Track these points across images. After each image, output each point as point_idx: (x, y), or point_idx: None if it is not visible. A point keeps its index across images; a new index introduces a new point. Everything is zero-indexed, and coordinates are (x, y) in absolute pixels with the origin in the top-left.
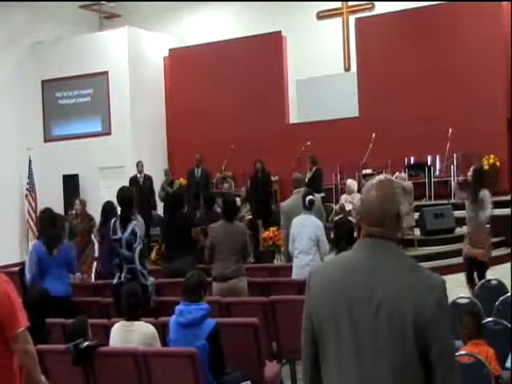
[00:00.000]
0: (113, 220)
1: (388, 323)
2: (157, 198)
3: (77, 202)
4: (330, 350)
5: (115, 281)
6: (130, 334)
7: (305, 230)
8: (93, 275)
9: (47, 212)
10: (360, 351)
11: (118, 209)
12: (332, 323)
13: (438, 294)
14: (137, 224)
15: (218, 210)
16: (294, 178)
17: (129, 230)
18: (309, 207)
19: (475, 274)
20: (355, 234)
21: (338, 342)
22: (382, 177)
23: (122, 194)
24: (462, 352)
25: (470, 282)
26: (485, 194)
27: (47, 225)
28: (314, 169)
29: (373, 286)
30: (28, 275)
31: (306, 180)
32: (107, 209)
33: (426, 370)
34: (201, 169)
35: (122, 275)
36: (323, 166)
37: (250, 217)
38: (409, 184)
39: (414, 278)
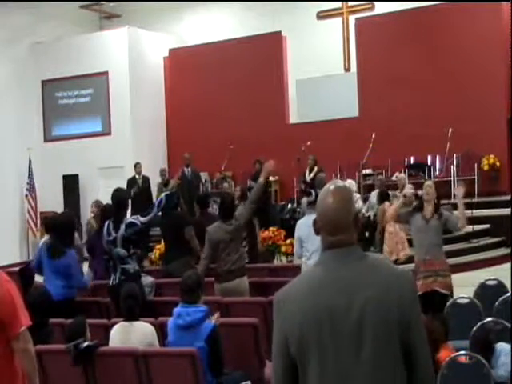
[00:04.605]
0: (107, 222)
1: (372, 326)
2: (155, 199)
3: (93, 205)
4: (313, 368)
5: (110, 282)
6: (128, 335)
7: (312, 230)
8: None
9: (65, 218)
10: (343, 360)
11: None
12: (314, 341)
13: (412, 288)
14: (126, 220)
15: (214, 210)
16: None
17: (122, 226)
18: (314, 201)
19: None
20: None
21: (322, 357)
22: (337, 183)
23: (117, 195)
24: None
25: None
26: (444, 210)
27: (59, 232)
28: (315, 169)
29: (350, 293)
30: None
31: (309, 180)
32: (107, 210)
33: (408, 369)
34: (190, 168)
35: (117, 276)
36: (323, 166)
37: None
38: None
39: (387, 275)
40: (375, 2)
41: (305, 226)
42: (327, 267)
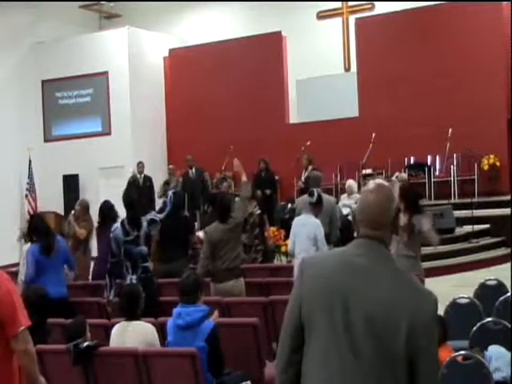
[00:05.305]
0: (119, 222)
1: (381, 326)
2: (156, 199)
3: (77, 204)
4: (318, 338)
5: (128, 281)
6: (124, 334)
7: (304, 230)
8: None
9: (37, 217)
10: (348, 345)
11: (116, 208)
12: (324, 312)
13: (433, 309)
14: (147, 217)
15: None
16: (312, 176)
17: (144, 224)
18: (315, 202)
19: None
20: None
21: (328, 332)
22: (379, 181)
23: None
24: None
25: None
26: (418, 218)
27: (40, 229)
28: (310, 168)
29: (369, 286)
30: (22, 277)
31: (303, 179)
32: (104, 208)
33: (410, 375)
34: (195, 169)
35: (137, 275)
36: (323, 166)
37: (259, 211)
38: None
39: (410, 287)
40: (375, 2)
41: (299, 223)
42: (358, 253)
